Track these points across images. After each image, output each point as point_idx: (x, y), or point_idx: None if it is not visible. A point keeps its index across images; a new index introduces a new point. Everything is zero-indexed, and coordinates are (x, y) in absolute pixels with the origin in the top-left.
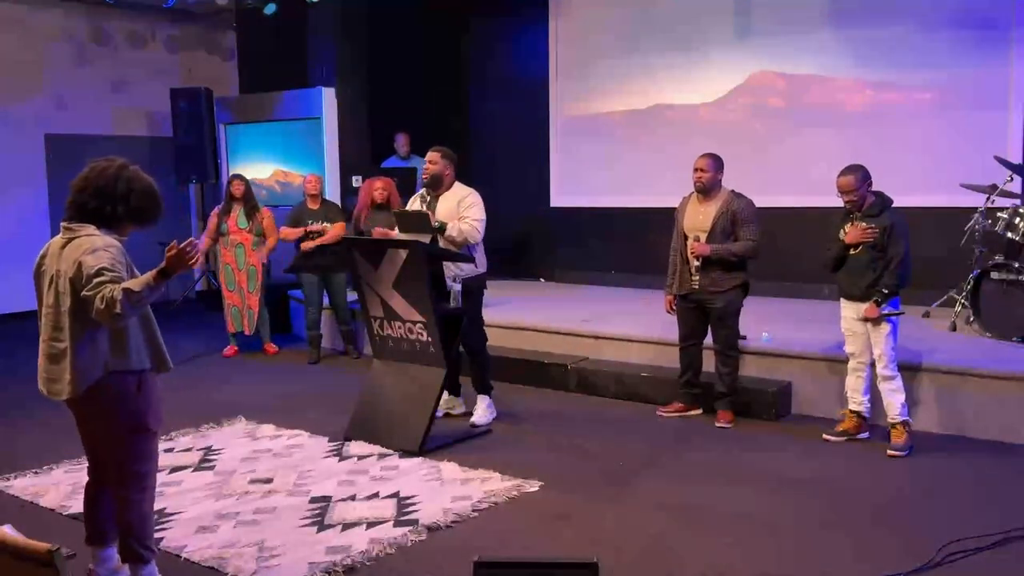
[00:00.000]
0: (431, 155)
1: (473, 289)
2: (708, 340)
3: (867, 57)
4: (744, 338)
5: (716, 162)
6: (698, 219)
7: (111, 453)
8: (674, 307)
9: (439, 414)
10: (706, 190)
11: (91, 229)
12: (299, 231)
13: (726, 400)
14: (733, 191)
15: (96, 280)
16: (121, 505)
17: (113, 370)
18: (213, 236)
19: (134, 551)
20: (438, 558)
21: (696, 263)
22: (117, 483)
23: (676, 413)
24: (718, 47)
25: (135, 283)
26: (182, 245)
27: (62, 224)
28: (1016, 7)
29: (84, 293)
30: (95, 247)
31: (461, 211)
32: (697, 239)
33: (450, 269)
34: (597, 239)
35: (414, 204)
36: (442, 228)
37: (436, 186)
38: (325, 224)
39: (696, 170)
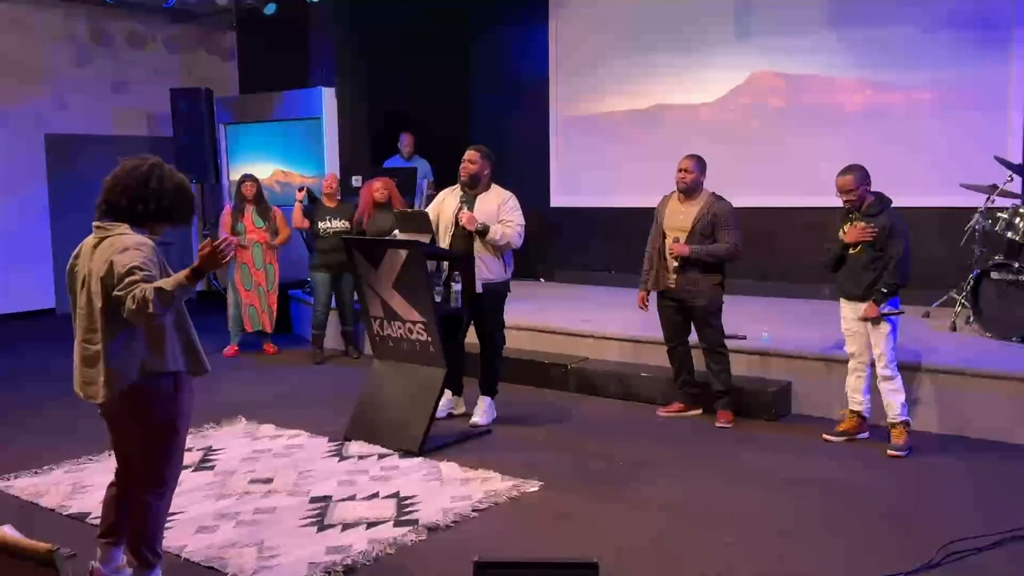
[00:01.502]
0: (471, 154)
1: (499, 292)
2: (693, 338)
3: (867, 57)
4: (744, 338)
5: (700, 164)
6: (678, 219)
7: (139, 455)
8: (646, 303)
9: (443, 414)
10: (689, 190)
11: (123, 228)
12: (304, 221)
13: (725, 400)
14: (714, 193)
15: (128, 279)
16: (138, 508)
17: (149, 371)
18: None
19: (143, 556)
20: (438, 558)
21: (675, 263)
22: (139, 484)
23: (676, 413)
24: (718, 47)
25: (167, 282)
26: (216, 243)
27: (94, 224)
28: (1016, 7)
29: (116, 293)
30: (126, 246)
31: (502, 215)
32: (676, 239)
33: (480, 271)
34: (597, 239)
35: (449, 199)
36: (485, 231)
37: (474, 185)
38: (344, 222)
39: (680, 170)
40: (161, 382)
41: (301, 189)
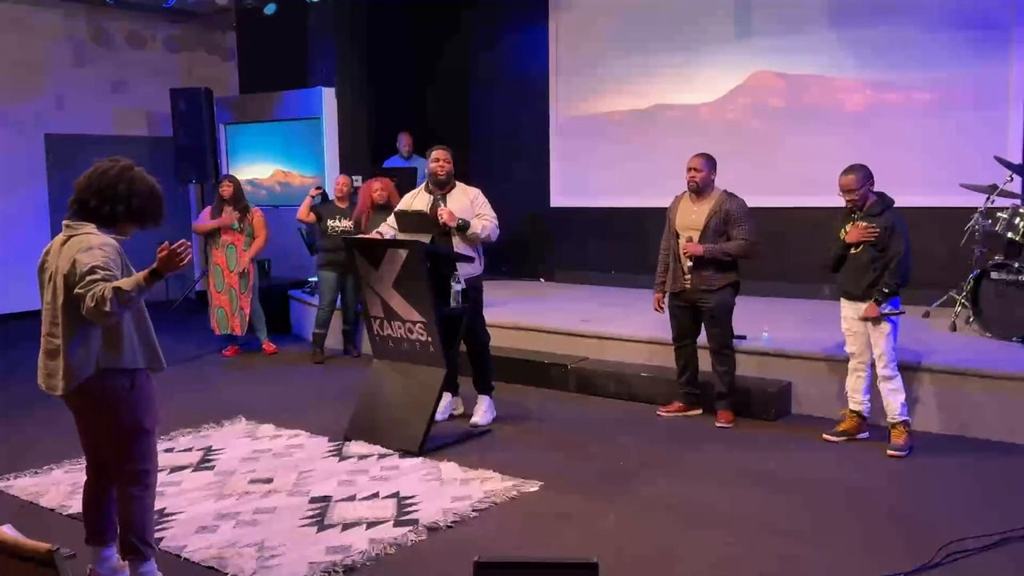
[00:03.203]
0: (442, 153)
1: (478, 287)
2: (702, 339)
3: (867, 57)
4: (744, 338)
5: (709, 162)
6: (691, 218)
7: (109, 451)
8: (663, 305)
9: (444, 416)
10: (700, 190)
11: (90, 228)
12: (310, 215)
13: (726, 400)
14: (726, 191)
15: (88, 278)
16: (122, 502)
17: (105, 368)
18: (203, 231)
19: (134, 548)
20: (438, 558)
21: (689, 263)
22: (118, 481)
23: (676, 413)
24: (718, 47)
25: (126, 282)
26: (173, 246)
27: (63, 222)
28: (1016, 7)
29: (76, 291)
30: (90, 245)
31: (476, 209)
32: (690, 239)
33: (461, 267)
34: (597, 239)
35: (417, 200)
36: (465, 226)
37: (447, 184)
38: (352, 223)
39: (690, 169)
40: (117, 379)
41: (318, 188)
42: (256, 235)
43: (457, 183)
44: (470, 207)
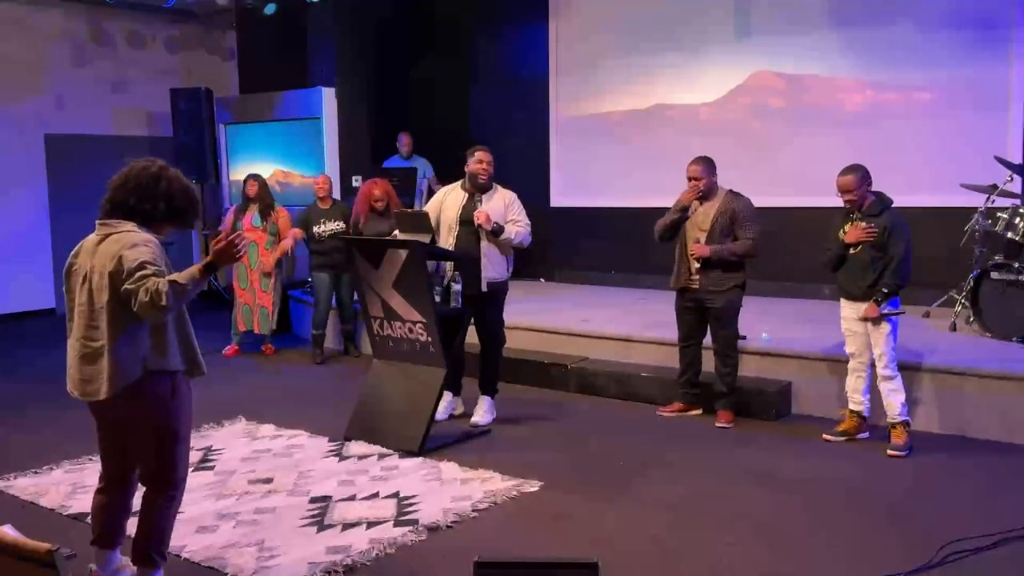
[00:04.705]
0: (485, 155)
1: (502, 291)
2: (707, 340)
3: (867, 57)
4: (744, 338)
5: (708, 166)
6: (696, 219)
7: (141, 457)
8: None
9: (444, 416)
10: (705, 196)
11: (130, 226)
12: (299, 232)
13: (726, 400)
14: (731, 191)
15: (139, 273)
16: (145, 510)
17: (152, 370)
18: (227, 233)
19: (148, 556)
20: (438, 558)
21: (696, 264)
22: (147, 487)
23: (676, 413)
24: (718, 47)
25: (181, 276)
26: (231, 238)
27: (97, 222)
28: (1016, 7)
29: (126, 287)
30: (134, 242)
31: (511, 215)
32: (696, 240)
33: (487, 270)
34: (597, 239)
35: (450, 198)
36: (500, 230)
37: (488, 186)
38: (339, 223)
39: (691, 179)
40: (161, 382)
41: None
42: (281, 235)
43: (495, 185)
44: (504, 211)
